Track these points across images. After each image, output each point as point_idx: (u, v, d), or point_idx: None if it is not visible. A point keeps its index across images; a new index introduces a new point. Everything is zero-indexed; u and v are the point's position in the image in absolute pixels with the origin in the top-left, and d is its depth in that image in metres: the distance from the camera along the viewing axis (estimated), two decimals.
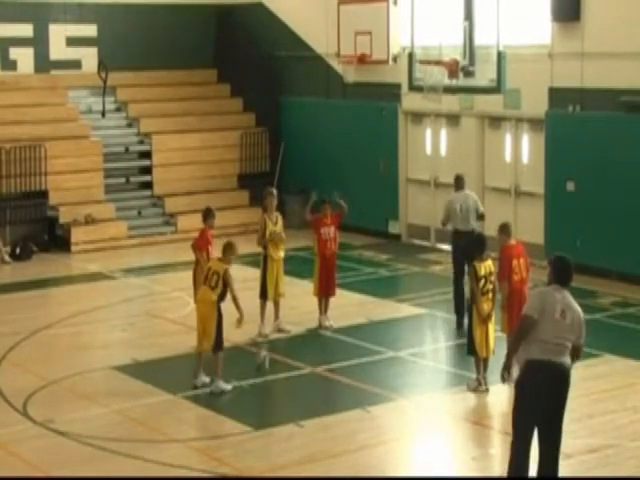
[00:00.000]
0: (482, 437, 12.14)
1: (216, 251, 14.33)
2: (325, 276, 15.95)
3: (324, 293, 16.02)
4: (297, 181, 24.80)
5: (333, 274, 16.13)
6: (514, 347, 9.66)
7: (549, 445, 9.50)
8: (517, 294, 13.25)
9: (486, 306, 13.10)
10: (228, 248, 13.36)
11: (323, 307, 16.06)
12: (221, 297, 13.19)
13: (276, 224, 15.80)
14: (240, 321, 13.31)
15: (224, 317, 13.31)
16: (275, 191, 16.33)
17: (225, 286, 13.11)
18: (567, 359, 9.50)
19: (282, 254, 15.88)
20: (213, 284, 13.17)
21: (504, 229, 13.77)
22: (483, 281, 13.11)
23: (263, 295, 15.72)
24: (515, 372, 9.99)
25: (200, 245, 14.93)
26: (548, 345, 9.36)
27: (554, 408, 9.48)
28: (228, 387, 13.20)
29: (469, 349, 13.32)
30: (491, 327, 13.18)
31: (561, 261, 9.73)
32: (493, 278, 13.20)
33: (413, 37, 22.45)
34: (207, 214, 15.20)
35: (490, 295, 13.16)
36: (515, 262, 13.39)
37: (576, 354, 9.67)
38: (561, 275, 9.61)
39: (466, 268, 15.07)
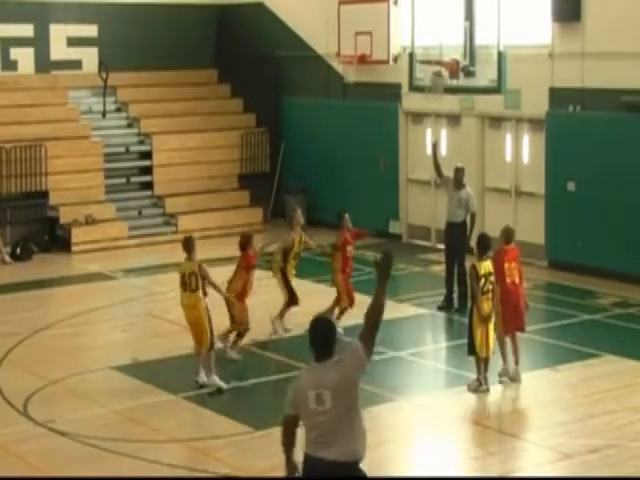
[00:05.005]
0: (482, 437, 12.13)
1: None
2: (347, 288, 15.74)
3: (352, 303, 15.64)
4: (297, 181, 24.82)
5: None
6: (283, 445, 7.73)
7: None
8: (511, 296, 13.30)
9: (486, 306, 13.10)
10: (191, 242, 13.38)
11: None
12: (204, 295, 13.27)
13: (299, 243, 15.77)
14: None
15: (212, 315, 13.39)
16: (299, 210, 16.38)
17: (204, 282, 13.18)
18: (336, 450, 7.44)
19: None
20: (194, 286, 13.18)
21: (508, 235, 13.79)
22: (483, 280, 13.12)
23: (293, 302, 15.68)
24: None
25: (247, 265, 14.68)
26: (311, 438, 7.53)
27: None
28: (223, 384, 13.20)
29: (469, 349, 13.31)
30: (491, 327, 13.17)
31: (311, 330, 7.53)
32: (492, 278, 13.21)
33: (413, 37, 22.45)
34: (248, 240, 14.86)
35: (490, 295, 13.16)
36: (507, 265, 13.44)
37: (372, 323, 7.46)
38: (313, 347, 7.48)
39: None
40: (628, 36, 18.36)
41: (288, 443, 7.66)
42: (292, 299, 15.73)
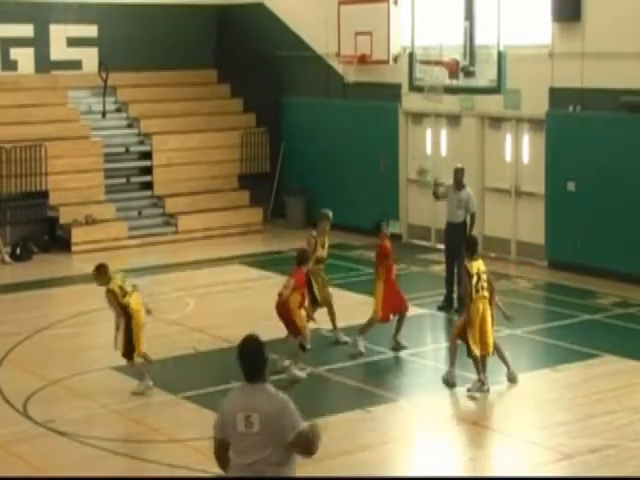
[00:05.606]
0: (482, 437, 12.14)
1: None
2: (393, 295, 15.06)
3: (399, 309, 15.17)
4: (297, 181, 24.82)
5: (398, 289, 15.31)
6: (222, 469, 7.36)
7: None
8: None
9: (481, 304, 13.06)
10: (105, 270, 13.51)
11: (396, 326, 15.23)
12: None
13: (323, 247, 15.30)
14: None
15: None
16: (330, 214, 15.74)
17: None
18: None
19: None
20: (133, 288, 13.46)
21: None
22: (476, 278, 13.11)
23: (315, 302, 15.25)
24: None
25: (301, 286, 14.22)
26: (242, 469, 7.10)
27: None
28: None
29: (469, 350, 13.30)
30: (489, 326, 13.13)
31: (241, 350, 7.25)
32: (485, 276, 13.20)
33: (413, 37, 22.46)
34: (308, 256, 14.41)
35: (485, 293, 13.13)
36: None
37: (303, 448, 7.25)
38: (244, 368, 7.21)
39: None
40: (628, 36, 18.36)
41: (221, 467, 7.30)
42: (312, 301, 15.12)
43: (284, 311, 13.87)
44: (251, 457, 7.04)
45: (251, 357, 7.18)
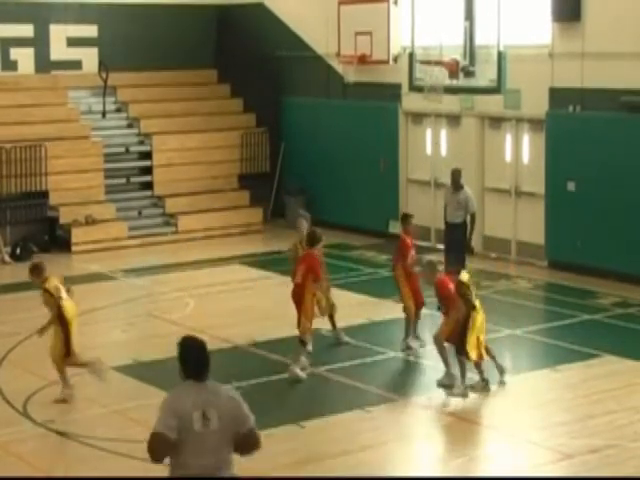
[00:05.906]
0: (481, 437, 12.14)
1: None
2: (415, 290, 15.14)
3: (421, 304, 15.25)
4: (297, 181, 24.82)
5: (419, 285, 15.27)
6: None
7: None
8: None
9: (480, 309, 13.09)
10: (41, 269, 13.47)
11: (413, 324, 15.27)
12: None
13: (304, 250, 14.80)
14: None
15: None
16: (308, 215, 15.62)
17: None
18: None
19: None
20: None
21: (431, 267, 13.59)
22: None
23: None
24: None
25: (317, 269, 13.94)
26: (194, 469, 6.97)
27: None
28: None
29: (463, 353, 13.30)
30: (483, 330, 13.16)
31: (187, 348, 7.21)
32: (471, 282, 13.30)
33: (413, 37, 22.46)
34: (316, 238, 14.14)
35: (477, 301, 13.16)
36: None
37: (249, 445, 7.12)
38: (193, 366, 7.16)
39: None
40: (628, 36, 18.36)
41: (162, 459, 7.14)
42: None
43: (298, 298, 13.75)
44: (213, 456, 6.95)
45: (196, 355, 7.12)
